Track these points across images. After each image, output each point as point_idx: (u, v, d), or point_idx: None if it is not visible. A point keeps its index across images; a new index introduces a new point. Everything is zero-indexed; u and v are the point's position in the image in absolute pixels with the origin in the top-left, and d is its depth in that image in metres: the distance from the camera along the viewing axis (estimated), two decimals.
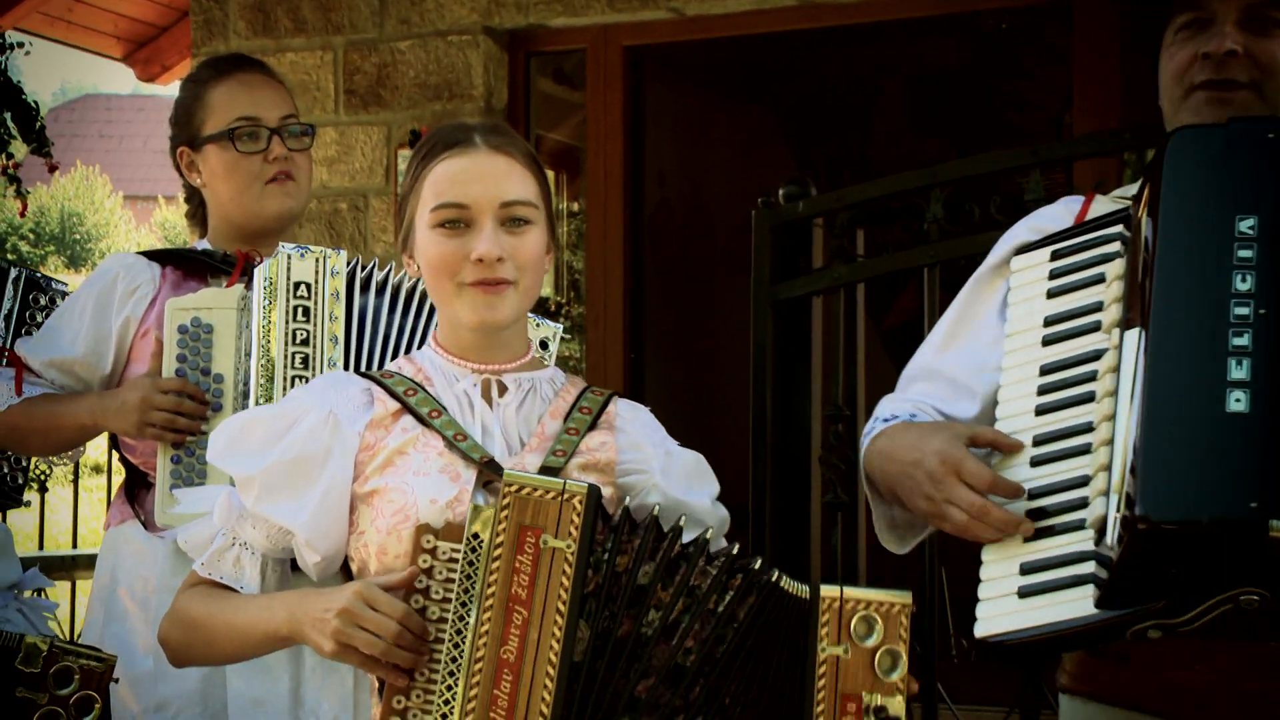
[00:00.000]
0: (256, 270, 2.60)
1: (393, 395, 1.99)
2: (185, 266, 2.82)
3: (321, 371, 2.51)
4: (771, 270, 3.85)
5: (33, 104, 5.92)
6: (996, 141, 6.41)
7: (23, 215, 6.54)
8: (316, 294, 2.56)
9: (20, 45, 5.97)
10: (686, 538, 1.83)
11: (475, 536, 1.78)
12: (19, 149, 6.25)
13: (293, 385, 2.51)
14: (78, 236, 27.47)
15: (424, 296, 2.61)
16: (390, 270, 2.65)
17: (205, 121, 2.82)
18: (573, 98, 5.81)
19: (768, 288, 3.83)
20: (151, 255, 2.86)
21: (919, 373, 2.17)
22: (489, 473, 1.91)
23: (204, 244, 2.90)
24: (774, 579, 1.80)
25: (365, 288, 2.61)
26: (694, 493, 2.01)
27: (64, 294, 3.08)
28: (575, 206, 5.80)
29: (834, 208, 3.85)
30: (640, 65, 5.52)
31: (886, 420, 2.11)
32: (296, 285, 2.55)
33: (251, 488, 1.95)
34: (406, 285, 2.63)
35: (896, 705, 1.77)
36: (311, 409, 1.97)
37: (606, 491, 1.93)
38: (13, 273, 3.12)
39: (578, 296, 5.97)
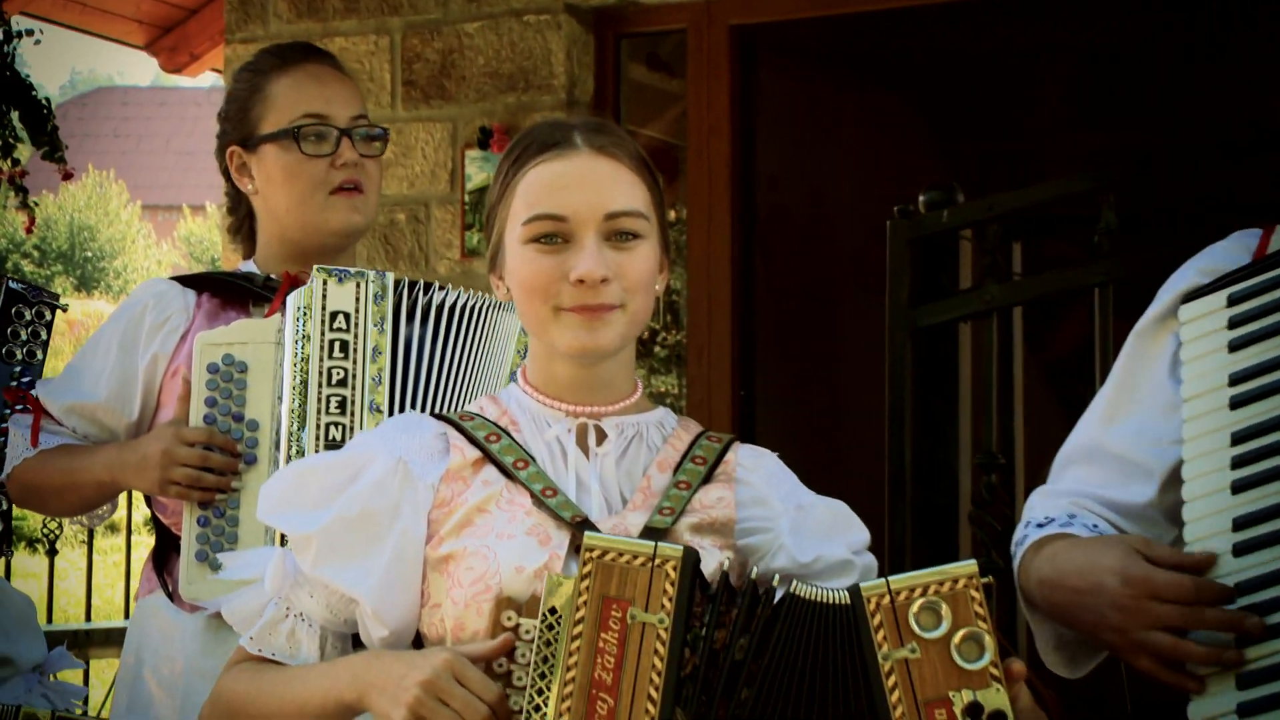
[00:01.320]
0: (289, 298, 2.62)
1: (472, 441, 2.01)
2: (223, 293, 2.86)
3: (361, 418, 2.55)
4: (910, 291, 3.84)
5: (44, 101, 6.05)
6: (1183, 135, 6.35)
7: (29, 231, 6.64)
8: (357, 325, 2.59)
9: (29, 33, 6.11)
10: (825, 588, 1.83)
11: (552, 611, 1.79)
12: (25, 152, 6.38)
13: (327, 434, 2.54)
14: (89, 254, 27.99)
15: (480, 316, 2.65)
16: (435, 288, 2.67)
17: (264, 117, 2.86)
18: (670, 87, 5.83)
19: (906, 312, 3.82)
20: (186, 281, 2.90)
21: (1078, 453, 2.16)
22: (583, 535, 1.89)
23: (249, 265, 2.94)
24: (791, 590, 1.79)
25: (412, 315, 2.64)
26: (830, 545, 2.01)
27: (54, 307, 3.09)
28: (673, 215, 5.82)
29: (985, 217, 3.85)
30: (750, 48, 5.53)
31: (1041, 525, 2.11)
32: (333, 315, 2.58)
33: (308, 548, 1.97)
34: (460, 304, 2.66)
35: (995, 697, 1.72)
36: (378, 457, 1.98)
37: (725, 556, 1.94)
38: None
39: (676, 322, 5.98)
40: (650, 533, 1.92)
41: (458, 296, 2.67)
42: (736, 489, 2.02)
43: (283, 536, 2.47)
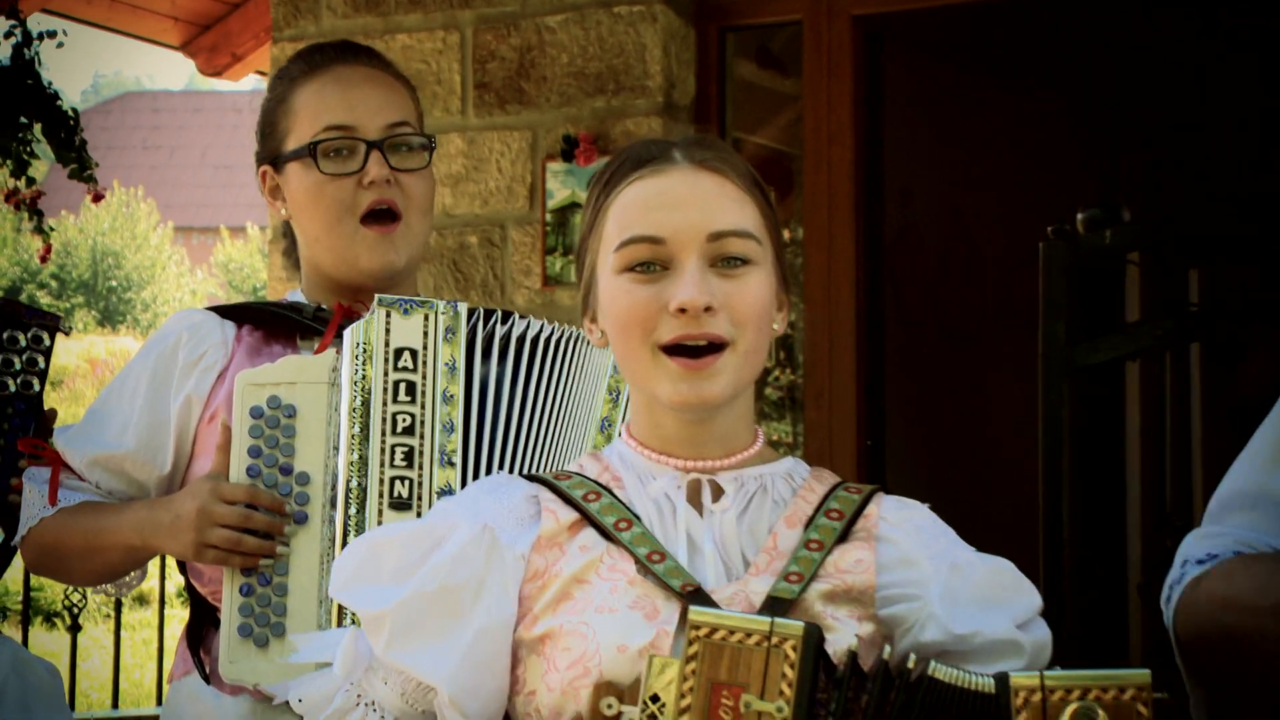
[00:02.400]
0: (346, 334, 2.63)
1: (568, 502, 2.02)
2: (267, 325, 2.87)
3: (430, 471, 2.56)
4: (1068, 325, 3.82)
5: (70, 113, 6.13)
6: None
7: (45, 260, 6.71)
8: (425, 364, 2.60)
9: (51, 35, 6.20)
10: (983, 669, 1.83)
11: (654, 699, 1.79)
12: (41, 168, 6.46)
13: (392, 490, 2.55)
14: (113, 283, 28.32)
15: (568, 351, 2.66)
16: (515, 319, 2.67)
17: (289, 132, 2.90)
18: (784, 87, 5.83)
19: (1063, 349, 3.80)
20: (224, 311, 2.92)
21: (1239, 498, 2.15)
22: (692, 604, 1.90)
23: (297, 294, 2.97)
24: (930, 674, 1.78)
25: (489, 351, 2.65)
26: (992, 617, 1.99)
27: (52, 330, 3.04)
28: (787, 235, 5.82)
29: (1156, 238, 3.82)
30: (876, 41, 5.52)
31: (1201, 562, 2.10)
32: (398, 353, 2.59)
33: (381, 628, 1.97)
34: (545, 337, 2.66)
35: None
36: (460, 524, 2.00)
37: (865, 629, 1.94)
38: None
39: (790, 359, 5.97)
40: (774, 603, 1.92)
41: (540, 328, 2.67)
42: (878, 548, 2.01)
43: (341, 611, 2.51)
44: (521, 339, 2.67)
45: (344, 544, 2.53)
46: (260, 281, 27.96)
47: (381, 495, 2.55)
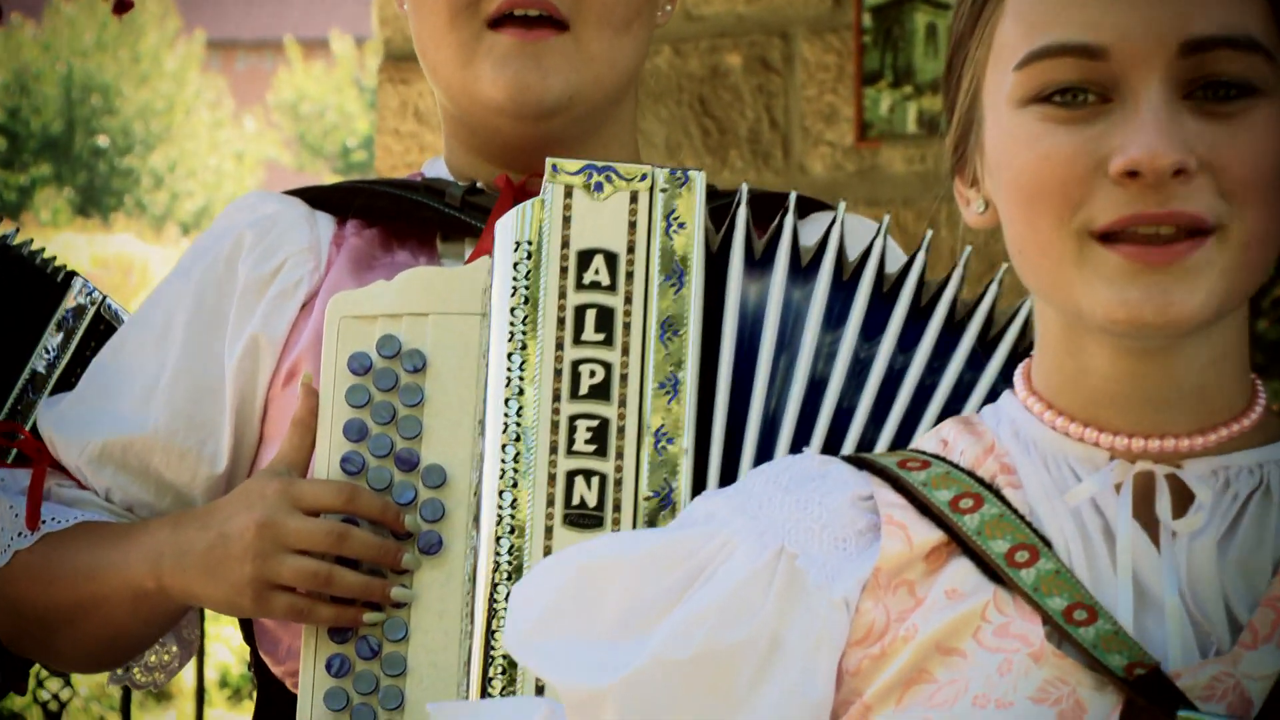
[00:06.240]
0: (497, 227, 2.71)
1: (926, 510, 2.07)
2: (387, 218, 2.99)
3: (637, 462, 2.63)
4: None
5: None
6: None
7: None
8: (632, 277, 2.67)
9: None
10: None
11: None
12: None
13: (568, 495, 2.63)
14: (102, 142, 28.78)
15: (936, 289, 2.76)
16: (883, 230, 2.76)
17: None
18: None
19: None
20: (315, 197, 3.03)
21: None
22: (1147, 703, 1.96)
23: (438, 165, 3.08)
24: None
25: (769, 258, 2.73)
26: None
27: None
28: None
29: None
30: None
31: None
32: (584, 259, 2.66)
33: (600, 713, 2.05)
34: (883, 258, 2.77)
35: None
36: (738, 541, 2.08)
37: None
38: (74, 293, 3.32)
39: None
40: None
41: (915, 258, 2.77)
42: None
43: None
44: (867, 256, 2.76)
45: (492, 589, 2.63)
46: (357, 136, 28.22)
47: (551, 504, 2.63)
